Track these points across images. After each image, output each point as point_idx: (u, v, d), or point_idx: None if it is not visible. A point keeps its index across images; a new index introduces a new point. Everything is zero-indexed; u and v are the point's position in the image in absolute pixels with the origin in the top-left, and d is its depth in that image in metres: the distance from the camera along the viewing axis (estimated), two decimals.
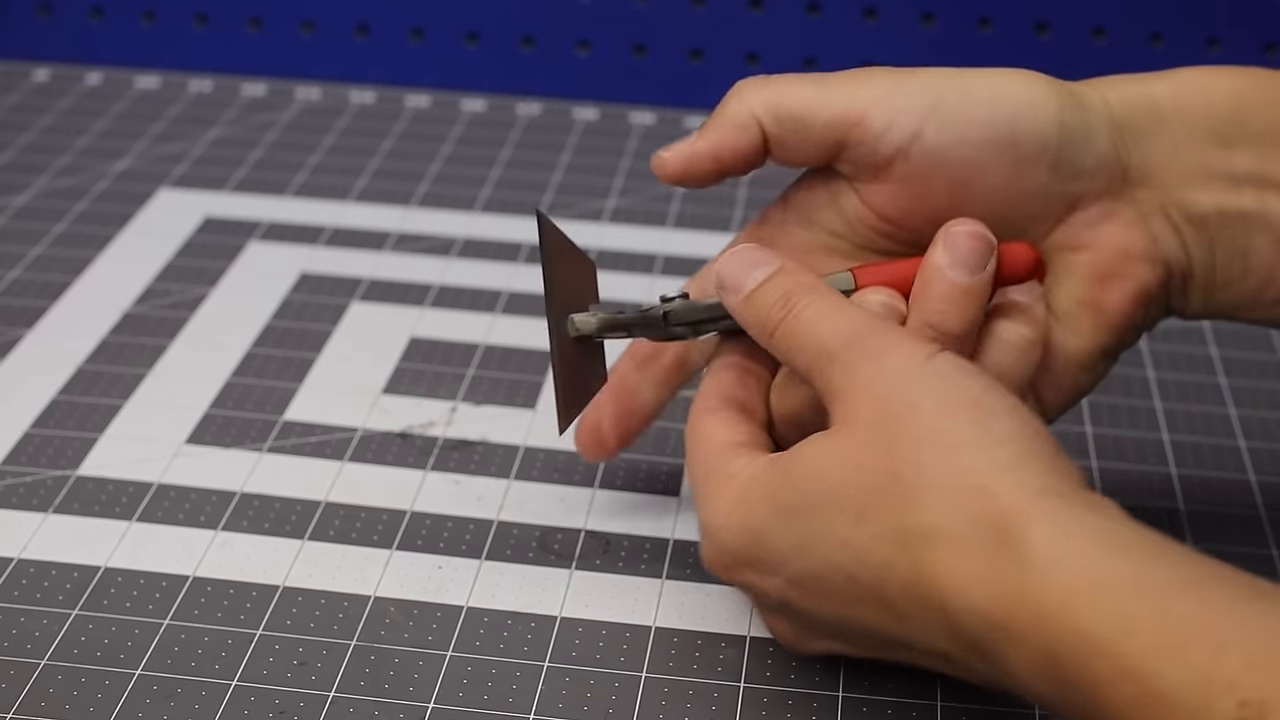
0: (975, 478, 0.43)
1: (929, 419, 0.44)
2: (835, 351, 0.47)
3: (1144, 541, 0.41)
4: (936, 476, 0.43)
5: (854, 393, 0.46)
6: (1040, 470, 0.43)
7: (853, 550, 0.44)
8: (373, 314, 0.71)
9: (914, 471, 0.44)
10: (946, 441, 0.44)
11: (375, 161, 0.85)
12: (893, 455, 0.44)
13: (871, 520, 0.44)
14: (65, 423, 0.62)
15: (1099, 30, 0.87)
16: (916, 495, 0.43)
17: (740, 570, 0.48)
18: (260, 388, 0.65)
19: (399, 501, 0.59)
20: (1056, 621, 0.40)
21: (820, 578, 0.45)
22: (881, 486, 0.44)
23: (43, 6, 0.94)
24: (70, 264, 0.74)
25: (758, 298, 0.49)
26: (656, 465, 0.61)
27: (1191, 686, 0.37)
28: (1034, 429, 0.44)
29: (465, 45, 0.93)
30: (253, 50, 0.93)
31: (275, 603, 0.53)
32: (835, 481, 0.45)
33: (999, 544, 0.41)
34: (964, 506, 0.42)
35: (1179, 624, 0.38)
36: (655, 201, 0.81)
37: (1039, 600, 0.40)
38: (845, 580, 0.45)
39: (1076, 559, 0.40)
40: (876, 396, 0.45)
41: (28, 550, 0.55)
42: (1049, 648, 0.40)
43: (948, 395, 0.45)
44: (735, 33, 0.91)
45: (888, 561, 0.44)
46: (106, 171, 0.82)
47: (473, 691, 0.50)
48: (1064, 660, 0.40)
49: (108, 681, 0.50)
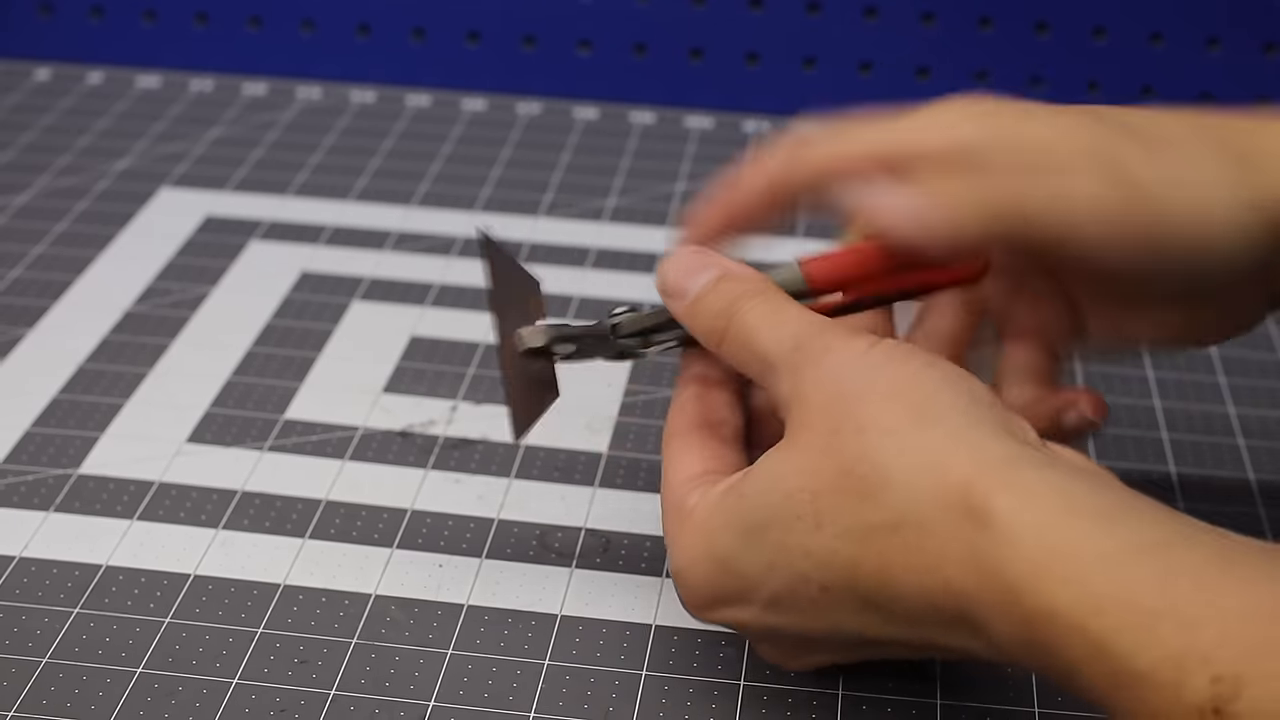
0: (927, 456, 0.42)
1: (871, 409, 0.43)
2: (778, 360, 0.46)
3: (1108, 504, 0.40)
4: (888, 463, 0.42)
5: (800, 399, 0.45)
6: (991, 435, 0.42)
7: (817, 558, 0.43)
8: (373, 313, 0.71)
9: (864, 464, 0.43)
10: (891, 426, 0.43)
11: (376, 161, 0.85)
12: (841, 452, 0.43)
13: (830, 522, 0.43)
14: (66, 421, 0.62)
15: (1099, 30, 0.88)
16: (870, 487, 0.42)
17: (716, 608, 0.47)
18: (261, 387, 0.65)
19: (400, 500, 0.59)
20: (1028, 600, 0.39)
21: (794, 592, 0.44)
22: (834, 486, 0.43)
23: (44, 6, 0.94)
24: (71, 263, 0.74)
25: (702, 306, 0.49)
26: (656, 464, 0.61)
27: (1164, 663, 0.37)
28: (978, 395, 0.44)
29: (466, 45, 0.93)
30: (254, 50, 0.94)
31: (276, 601, 0.54)
32: (789, 490, 0.44)
33: (964, 518, 0.41)
34: (922, 487, 0.42)
35: (1147, 599, 0.37)
36: (655, 201, 0.81)
37: (1011, 576, 0.39)
38: (818, 591, 0.44)
39: (1042, 532, 0.39)
40: (821, 398, 0.44)
41: (29, 549, 0.56)
42: (1025, 625, 0.39)
43: (888, 381, 0.44)
44: (735, 33, 0.91)
45: (853, 561, 0.43)
46: (107, 171, 0.82)
47: (473, 690, 0.50)
48: (1040, 638, 0.39)
49: (109, 680, 0.50)
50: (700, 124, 0.90)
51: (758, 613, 0.46)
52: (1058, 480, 0.41)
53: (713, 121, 0.91)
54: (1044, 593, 0.39)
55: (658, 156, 0.86)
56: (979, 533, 0.40)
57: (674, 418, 0.50)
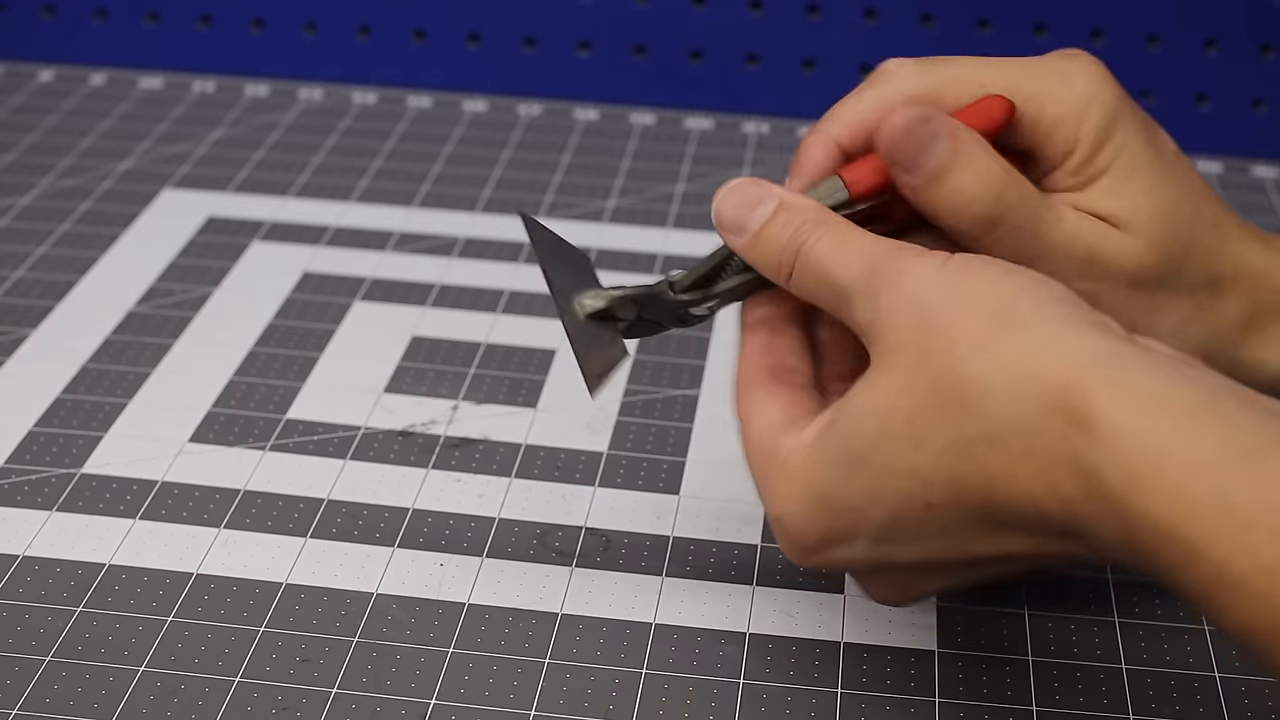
0: (1021, 363, 0.42)
1: (958, 324, 0.43)
2: (852, 288, 0.46)
3: (1202, 402, 0.40)
4: (983, 375, 0.42)
5: (880, 323, 0.45)
6: (1083, 333, 0.42)
7: (920, 476, 0.43)
8: (375, 313, 0.71)
9: (958, 379, 0.42)
10: (980, 339, 0.42)
11: (377, 162, 0.85)
12: (933, 371, 0.43)
13: (929, 440, 0.43)
14: (69, 421, 0.62)
15: (1097, 31, 0.88)
16: (967, 401, 0.42)
17: (822, 550, 0.46)
18: (263, 386, 0.65)
19: (401, 499, 0.59)
20: (1127, 505, 0.39)
21: (900, 518, 0.44)
22: (930, 403, 0.43)
23: (47, 8, 0.94)
24: (74, 263, 0.74)
25: (764, 239, 0.48)
26: (656, 464, 0.61)
27: (1257, 573, 0.37)
28: (1060, 295, 0.43)
29: (467, 46, 0.93)
30: (256, 51, 0.94)
31: (278, 600, 0.54)
32: (884, 414, 0.43)
33: (1066, 422, 0.40)
34: (1020, 396, 0.41)
35: (1241, 508, 0.38)
36: (655, 201, 0.82)
37: (1111, 482, 0.40)
38: (923, 510, 0.43)
39: (1139, 436, 0.40)
40: (904, 321, 0.44)
41: (32, 548, 0.56)
42: (1125, 529, 0.40)
43: (970, 294, 0.43)
44: (735, 33, 0.91)
45: (957, 475, 0.42)
46: (110, 172, 0.83)
47: (474, 688, 0.50)
48: (1139, 542, 0.39)
49: (111, 678, 0.50)
50: (700, 125, 0.90)
51: (867, 547, 0.45)
52: (1153, 377, 0.41)
53: (712, 123, 0.91)
54: (1141, 498, 0.39)
55: (658, 158, 0.87)
56: (1080, 436, 0.40)
57: (744, 369, 0.49)
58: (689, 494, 0.60)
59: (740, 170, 0.85)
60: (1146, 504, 0.39)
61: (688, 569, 0.56)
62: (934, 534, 0.44)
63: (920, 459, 0.43)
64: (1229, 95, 0.88)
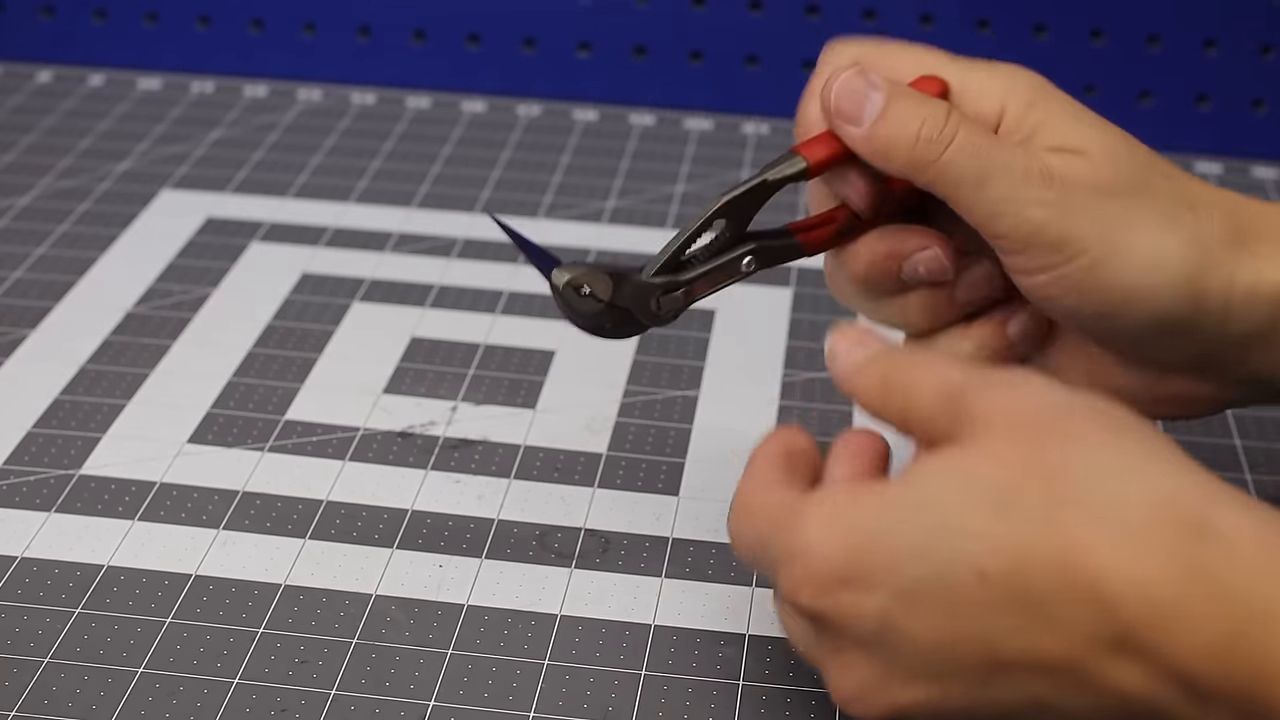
0: (1145, 467, 0.41)
1: (1076, 422, 0.42)
2: (966, 381, 0.44)
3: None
4: (1104, 463, 0.41)
5: (974, 418, 0.43)
6: (1185, 460, 0.42)
7: (989, 541, 0.40)
8: (374, 314, 0.71)
9: (1073, 465, 0.41)
10: (1102, 439, 0.42)
11: (376, 162, 0.85)
12: (1043, 454, 0.41)
13: (1016, 510, 0.40)
14: (68, 422, 0.62)
15: (1096, 32, 0.88)
16: (1076, 486, 0.40)
17: (835, 590, 0.42)
18: (262, 387, 0.65)
19: (400, 501, 0.59)
20: (1244, 597, 0.38)
21: (940, 579, 0.41)
22: (1031, 479, 0.41)
23: (45, 8, 0.94)
24: (73, 264, 0.74)
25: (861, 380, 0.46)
26: (656, 465, 0.61)
27: None
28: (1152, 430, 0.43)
29: (466, 47, 0.93)
30: (254, 52, 0.94)
31: (277, 601, 0.54)
32: (968, 475, 0.41)
33: (1171, 522, 0.39)
34: (1137, 491, 0.40)
35: None
36: (655, 202, 0.82)
37: (1223, 575, 0.38)
38: (973, 578, 0.40)
39: (1266, 539, 0.39)
40: (1008, 415, 0.43)
41: (31, 549, 0.56)
42: (1230, 627, 0.38)
43: (1078, 402, 0.43)
44: (735, 34, 0.91)
45: (1028, 542, 0.40)
46: (109, 172, 0.83)
47: (473, 689, 0.50)
48: (1249, 638, 0.38)
49: (110, 680, 0.50)
50: (699, 126, 0.90)
51: (884, 601, 0.41)
52: (1252, 503, 0.40)
53: (712, 123, 0.91)
54: (1264, 592, 0.38)
55: (657, 158, 0.87)
56: (1189, 537, 0.39)
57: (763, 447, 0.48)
58: (688, 495, 0.60)
59: (740, 171, 0.85)
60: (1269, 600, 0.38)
61: (687, 570, 0.56)
62: (964, 611, 0.41)
63: (997, 526, 0.40)
64: (1229, 95, 0.88)
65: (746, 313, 0.71)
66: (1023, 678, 0.41)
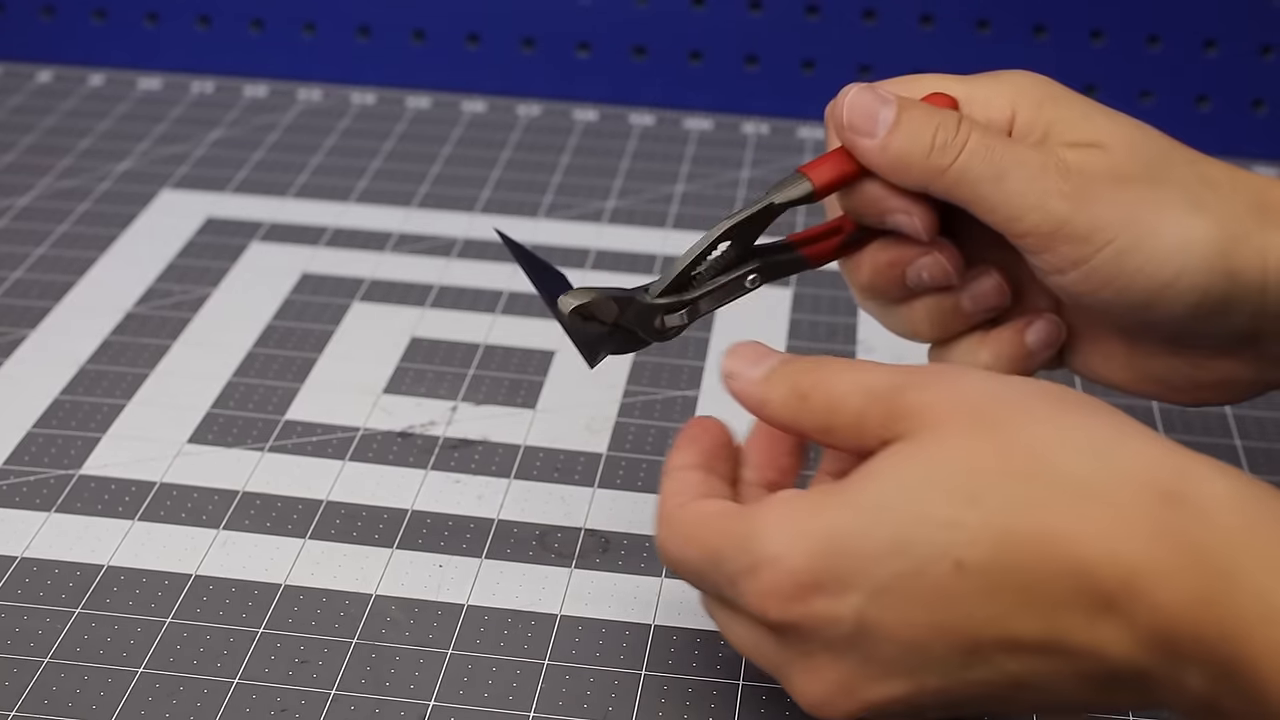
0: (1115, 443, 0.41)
1: (1039, 404, 0.42)
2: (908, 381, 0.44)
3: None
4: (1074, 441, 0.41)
5: (923, 408, 0.43)
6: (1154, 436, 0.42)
7: (966, 530, 0.40)
8: (374, 314, 0.71)
9: (1040, 446, 0.41)
10: (1072, 421, 0.42)
11: (376, 162, 0.85)
12: (1008, 437, 0.41)
13: (990, 496, 0.40)
14: (68, 422, 0.62)
15: (1096, 33, 0.88)
16: (1046, 466, 0.41)
17: (808, 597, 0.42)
18: (262, 387, 0.65)
19: (400, 501, 0.59)
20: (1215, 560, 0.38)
21: (918, 573, 0.40)
22: (1001, 465, 0.41)
23: (46, 8, 0.94)
24: (73, 264, 0.74)
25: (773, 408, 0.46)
26: (656, 465, 0.61)
27: None
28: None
29: (466, 47, 0.93)
30: (255, 52, 0.94)
31: (277, 601, 0.54)
32: (932, 467, 0.41)
33: (1146, 491, 0.39)
34: (1113, 468, 0.40)
35: None
36: (655, 202, 0.82)
37: (1196, 538, 0.38)
38: (950, 568, 0.40)
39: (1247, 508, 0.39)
40: (961, 401, 0.43)
41: (31, 549, 0.56)
42: (1202, 584, 0.38)
43: (1036, 387, 0.43)
44: (735, 34, 0.91)
45: (1006, 526, 0.40)
46: (109, 172, 0.83)
47: (473, 689, 0.50)
48: (1220, 597, 0.38)
49: (110, 680, 0.50)
50: (699, 126, 0.90)
51: (859, 602, 0.41)
52: (1227, 470, 0.40)
53: (712, 123, 0.91)
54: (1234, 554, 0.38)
55: (657, 158, 0.87)
56: (1170, 508, 0.39)
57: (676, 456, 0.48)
58: None
59: (739, 171, 0.85)
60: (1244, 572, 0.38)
61: None
62: (944, 602, 0.40)
63: (972, 514, 0.40)
64: (1229, 95, 0.88)
65: (746, 313, 0.70)
66: (1000, 660, 0.41)
